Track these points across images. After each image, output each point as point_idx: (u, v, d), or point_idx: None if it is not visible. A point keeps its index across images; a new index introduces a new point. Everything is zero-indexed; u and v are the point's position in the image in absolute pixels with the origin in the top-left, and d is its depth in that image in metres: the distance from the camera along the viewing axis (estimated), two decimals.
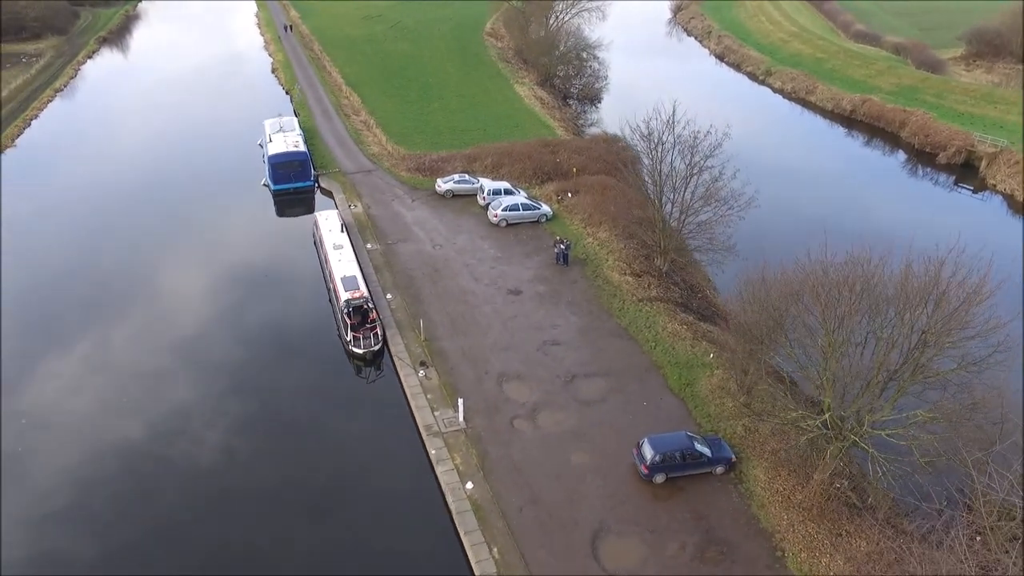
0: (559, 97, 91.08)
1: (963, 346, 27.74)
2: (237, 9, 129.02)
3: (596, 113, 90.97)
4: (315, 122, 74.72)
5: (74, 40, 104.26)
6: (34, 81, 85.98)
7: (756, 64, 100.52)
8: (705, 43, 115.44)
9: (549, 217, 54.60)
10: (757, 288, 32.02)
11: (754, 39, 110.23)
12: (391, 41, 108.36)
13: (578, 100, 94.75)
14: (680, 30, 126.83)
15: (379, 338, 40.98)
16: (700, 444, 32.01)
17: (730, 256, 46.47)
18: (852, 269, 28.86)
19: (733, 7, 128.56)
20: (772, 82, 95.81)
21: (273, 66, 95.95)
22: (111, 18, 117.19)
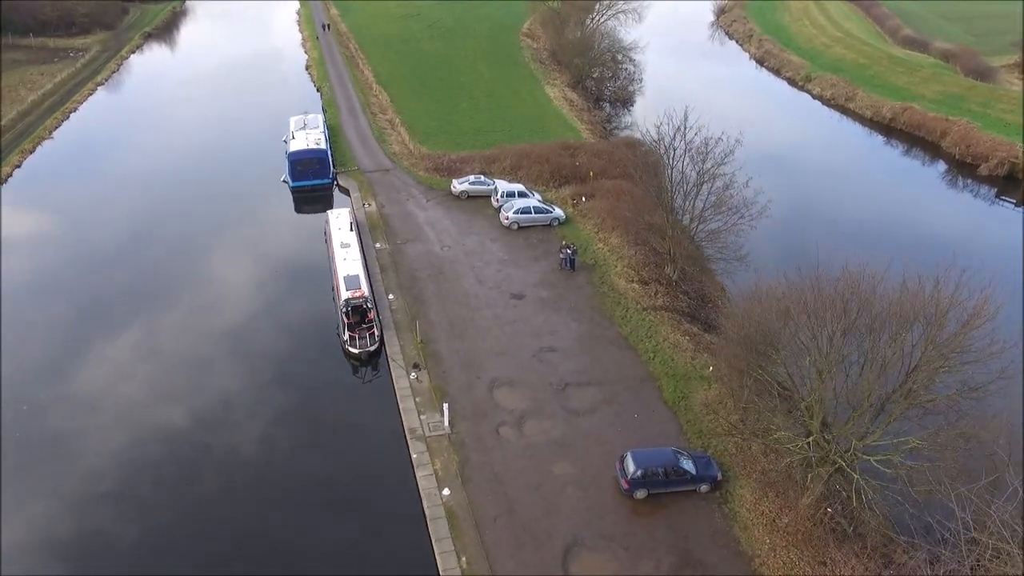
0: (591, 99, 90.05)
1: (960, 371, 26.34)
2: (280, 8, 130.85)
3: (627, 116, 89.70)
4: (340, 120, 75.20)
5: (121, 35, 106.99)
6: (78, 75, 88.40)
7: (796, 69, 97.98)
8: (746, 47, 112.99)
9: (562, 221, 53.88)
10: (749, 302, 30.89)
11: (796, 43, 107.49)
12: (427, 40, 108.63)
13: (610, 103, 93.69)
14: (722, 33, 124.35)
15: (376, 338, 40.89)
16: (685, 460, 31.06)
17: (742, 266, 45.35)
18: (846, 285, 27.61)
19: (778, 11, 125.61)
20: (811, 88, 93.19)
21: (307, 63, 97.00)
22: (158, 14, 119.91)
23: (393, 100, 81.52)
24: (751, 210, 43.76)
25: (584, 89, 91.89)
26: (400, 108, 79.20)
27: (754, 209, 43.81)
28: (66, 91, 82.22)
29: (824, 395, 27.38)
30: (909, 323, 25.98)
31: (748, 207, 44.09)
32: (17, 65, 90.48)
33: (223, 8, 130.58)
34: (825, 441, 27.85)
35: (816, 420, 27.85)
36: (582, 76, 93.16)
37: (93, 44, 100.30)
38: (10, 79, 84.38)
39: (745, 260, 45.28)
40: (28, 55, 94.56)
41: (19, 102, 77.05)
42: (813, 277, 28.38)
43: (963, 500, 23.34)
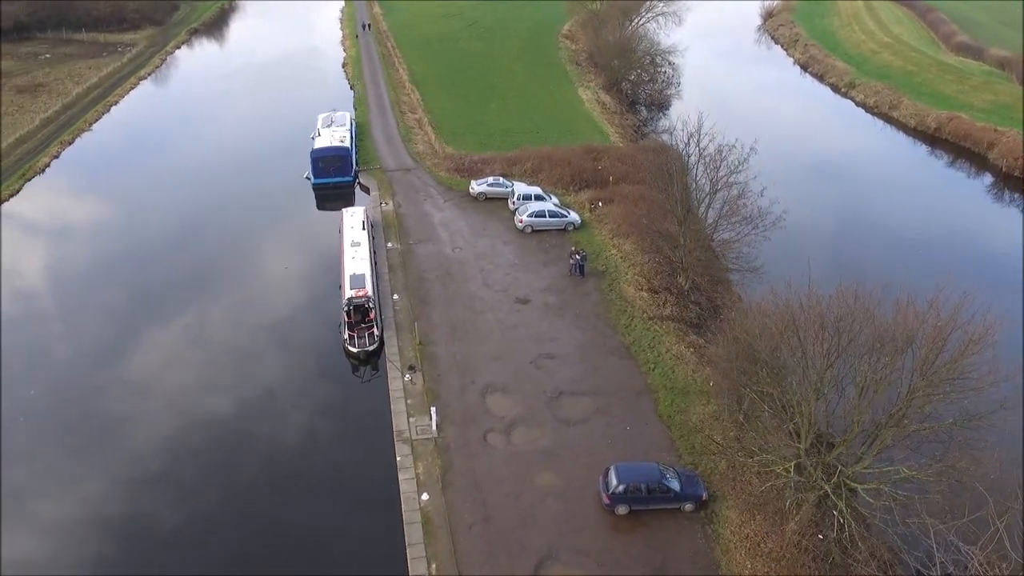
0: (625, 102, 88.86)
1: (956, 399, 24.97)
2: (326, 7, 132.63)
3: (662, 120, 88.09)
4: (369, 118, 75.71)
5: (168, 31, 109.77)
6: (123, 69, 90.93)
7: (840, 75, 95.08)
8: (790, 52, 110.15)
9: (577, 226, 53.14)
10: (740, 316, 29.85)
11: (842, 49, 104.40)
12: (465, 40, 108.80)
13: (646, 106, 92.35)
14: (767, 38, 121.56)
15: (375, 338, 40.86)
16: (670, 478, 30.17)
17: (760, 277, 44.05)
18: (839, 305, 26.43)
19: (826, 15, 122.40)
20: (854, 95, 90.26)
21: (344, 61, 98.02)
22: (206, 11, 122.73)
23: (424, 99, 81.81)
24: (765, 220, 42.44)
25: (619, 92, 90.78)
26: (430, 107, 79.43)
27: (768, 219, 42.49)
28: (110, 84, 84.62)
29: (811, 417, 26.24)
30: (901, 346, 24.65)
31: (762, 217, 42.81)
32: (68, 59, 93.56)
33: (271, 6, 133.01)
34: (812, 466, 26.68)
35: (803, 443, 26.72)
36: (618, 78, 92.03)
37: (141, 39, 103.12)
38: (59, 72, 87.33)
39: (759, 272, 43.99)
40: (79, 49, 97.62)
41: (65, 94, 79.61)
42: (805, 295, 27.17)
43: (943, 538, 22.03)
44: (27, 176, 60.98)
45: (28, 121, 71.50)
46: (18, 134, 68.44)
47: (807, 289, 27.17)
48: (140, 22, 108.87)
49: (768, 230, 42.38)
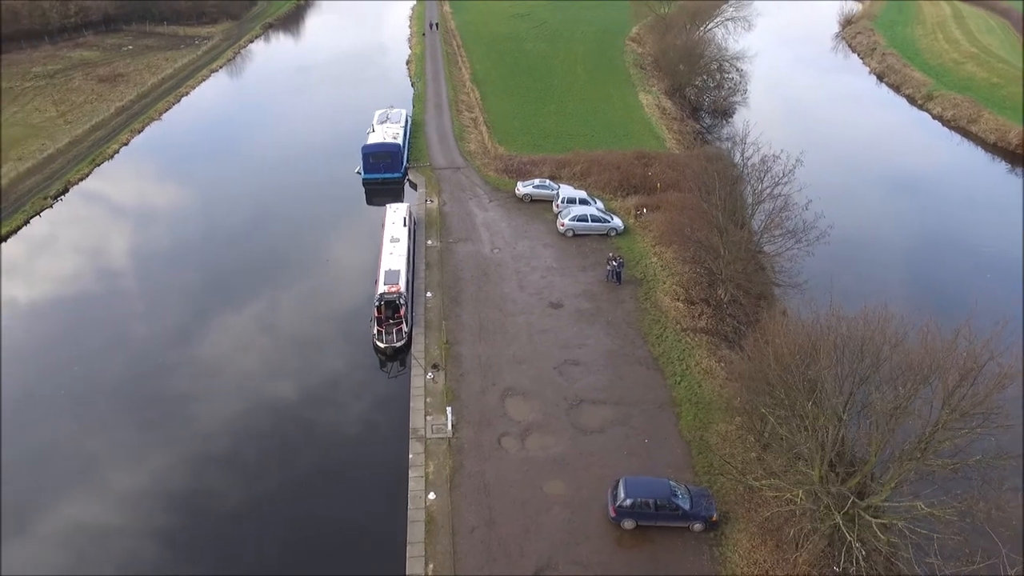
0: (687, 109, 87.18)
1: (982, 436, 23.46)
2: (397, 6, 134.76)
3: (724, 128, 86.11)
4: (426, 115, 76.41)
5: (243, 25, 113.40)
6: (197, 61, 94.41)
7: (917, 86, 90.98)
8: (866, 61, 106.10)
9: (620, 231, 52.36)
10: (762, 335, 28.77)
11: (922, 59, 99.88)
12: (531, 40, 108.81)
13: (708, 113, 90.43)
14: (844, 45, 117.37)
15: (403, 334, 41.13)
16: (680, 495, 29.30)
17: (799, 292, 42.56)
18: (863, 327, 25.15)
19: (909, 24, 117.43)
20: (931, 107, 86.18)
21: (408, 58, 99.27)
22: (282, 6, 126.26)
23: (483, 98, 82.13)
24: (808, 234, 40.88)
25: (682, 97, 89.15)
26: (488, 107, 79.68)
27: (812, 234, 40.91)
28: (183, 76, 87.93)
29: (825, 445, 25.06)
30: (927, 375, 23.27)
31: (806, 231, 41.26)
32: (148, 50, 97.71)
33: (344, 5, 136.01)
34: (825, 495, 25.47)
35: (816, 470, 25.54)
36: (682, 84, 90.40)
37: (217, 33, 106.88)
38: (138, 63, 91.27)
39: (802, 287, 42.44)
40: (159, 42, 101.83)
41: (141, 84, 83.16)
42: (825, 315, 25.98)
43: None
44: (97, 162, 63.85)
45: (104, 109, 74.95)
46: (94, 121, 71.82)
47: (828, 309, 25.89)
48: (218, 16, 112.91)
49: (811, 244, 40.77)
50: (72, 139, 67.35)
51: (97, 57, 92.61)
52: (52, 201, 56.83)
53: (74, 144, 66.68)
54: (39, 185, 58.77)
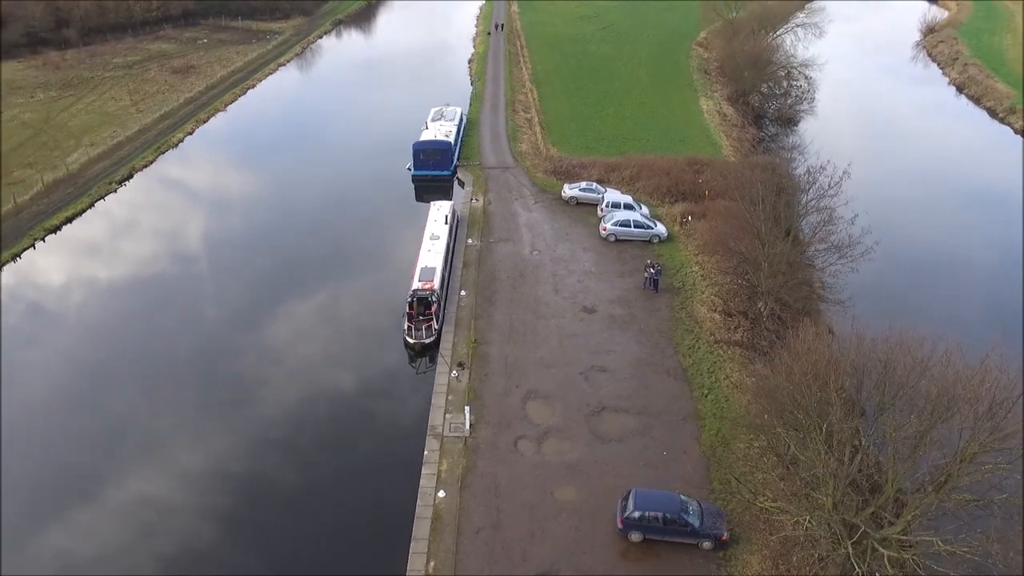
0: (749, 116, 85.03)
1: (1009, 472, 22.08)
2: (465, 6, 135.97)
3: (788, 136, 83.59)
4: (481, 114, 76.72)
5: (315, 21, 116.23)
6: (267, 55, 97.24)
7: (999, 99, 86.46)
8: (947, 71, 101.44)
9: (663, 238, 51.43)
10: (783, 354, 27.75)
11: (1008, 70, 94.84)
12: (596, 42, 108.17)
13: (772, 121, 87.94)
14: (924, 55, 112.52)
15: (433, 331, 41.34)
16: (691, 512, 28.54)
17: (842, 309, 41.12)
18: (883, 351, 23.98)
19: (997, 32, 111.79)
20: (1013, 121, 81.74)
21: (471, 57, 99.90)
22: (353, 4, 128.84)
23: (540, 99, 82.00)
24: (853, 250, 39.30)
25: (745, 104, 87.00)
26: (545, 107, 79.50)
27: (857, 249, 39.31)
28: (251, 69, 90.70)
29: (840, 470, 23.99)
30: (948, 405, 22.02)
31: (852, 246, 39.68)
32: (222, 44, 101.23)
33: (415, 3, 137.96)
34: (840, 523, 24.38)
35: (829, 497, 24.47)
36: (746, 90, 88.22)
37: (288, 28, 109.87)
38: (211, 56, 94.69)
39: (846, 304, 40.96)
40: (233, 36, 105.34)
41: (210, 76, 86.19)
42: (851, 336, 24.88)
43: None
44: (161, 150, 66.40)
45: (174, 99, 77.95)
46: (163, 110, 74.79)
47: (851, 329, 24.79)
48: (291, 12, 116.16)
49: (856, 260, 39.18)
50: (141, 127, 70.25)
51: (174, 50, 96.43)
52: (116, 186, 59.33)
53: (143, 132, 69.53)
54: (106, 170, 61.48)
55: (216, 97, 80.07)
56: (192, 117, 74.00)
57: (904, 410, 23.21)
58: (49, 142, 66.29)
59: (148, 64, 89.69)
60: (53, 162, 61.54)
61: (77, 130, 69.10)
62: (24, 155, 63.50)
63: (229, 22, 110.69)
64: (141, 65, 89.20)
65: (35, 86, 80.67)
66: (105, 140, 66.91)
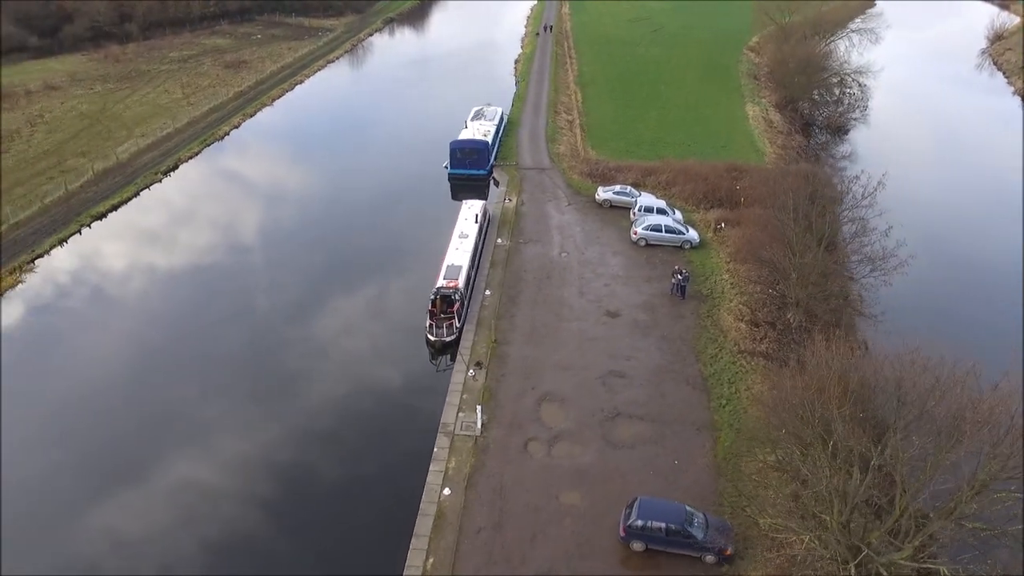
0: (797, 123, 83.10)
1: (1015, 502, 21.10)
2: (517, 6, 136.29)
3: (837, 146, 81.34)
4: (522, 115, 76.72)
5: (367, 19, 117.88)
6: (317, 51, 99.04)
7: None
8: (1012, 80, 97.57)
9: (695, 244, 50.66)
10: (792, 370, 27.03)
11: None
12: (645, 45, 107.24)
13: (822, 129, 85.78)
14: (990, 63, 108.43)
15: (454, 329, 41.45)
16: (696, 524, 28.00)
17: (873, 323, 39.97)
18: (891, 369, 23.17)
19: None
20: None
21: (517, 58, 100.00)
22: (406, 2, 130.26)
23: (583, 101, 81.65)
24: (887, 263, 38.07)
25: (793, 111, 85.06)
26: (587, 109, 79.14)
27: (891, 262, 38.07)
28: (300, 65, 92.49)
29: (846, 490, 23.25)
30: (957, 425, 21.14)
31: (885, 259, 38.46)
32: (274, 40, 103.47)
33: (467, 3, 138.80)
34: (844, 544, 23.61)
35: (834, 517, 23.72)
36: (795, 97, 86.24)
37: (340, 25, 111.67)
38: (263, 52, 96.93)
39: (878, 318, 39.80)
40: (286, 32, 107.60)
41: (261, 71, 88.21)
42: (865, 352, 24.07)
43: None
44: (207, 142, 68.19)
45: (224, 93, 79.99)
46: (213, 104, 76.80)
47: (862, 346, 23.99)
48: (344, 9, 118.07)
49: (887, 274, 37.95)
50: (191, 120, 72.26)
51: (228, 45, 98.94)
52: (161, 176, 61.12)
53: (192, 124, 71.50)
54: (154, 160, 63.39)
55: (264, 92, 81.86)
56: (239, 111, 75.81)
57: (914, 432, 22.34)
58: (103, 132, 68.66)
59: (202, 58, 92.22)
60: (105, 151, 63.68)
61: (130, 121, 71.39)
62: (79, 144, 65.89)
63: (283, 18, 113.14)
64: (196, 59, 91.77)
65: (95, 78, 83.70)
66: (155, 131, 69.00)
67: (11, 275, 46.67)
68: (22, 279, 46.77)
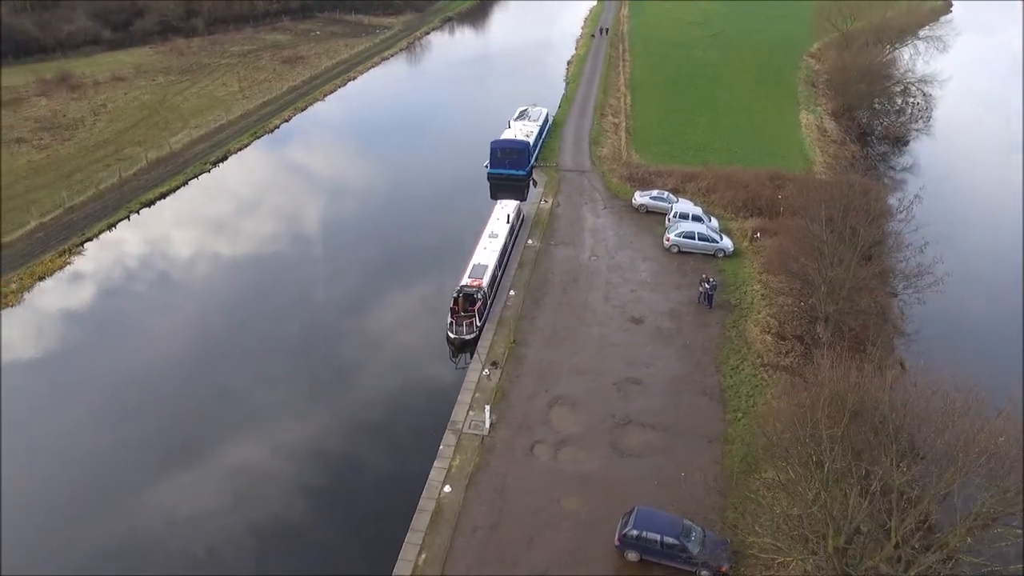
0: (853, 132, 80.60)
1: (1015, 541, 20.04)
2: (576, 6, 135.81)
3: (895, 157, 78.56)
4: (568, 117, 76.46)
5: (425, 18, 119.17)
6: (372, 49, 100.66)
7: None
8: None
9: (728, 253, 49.64)
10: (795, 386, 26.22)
11: None
12: (702, 48, 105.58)
13: (880, 139, 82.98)
14: None
15: (475, 328, 41.59)
16: (693, 538, 27.44)
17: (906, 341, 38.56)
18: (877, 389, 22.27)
19: None
20: None
21: (570, 59, 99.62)
22: (466, 2, 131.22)
23: (632, 104, 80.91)
24: (921, 280, 36.60)
25: (850, 120, 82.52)
26: (635, 113, 78.41)
27: (926, 280, 36.58)
28: (355, 62, 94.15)
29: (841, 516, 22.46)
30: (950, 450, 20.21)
31: (920, 276, 36.98)
32: (332, 36, 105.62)
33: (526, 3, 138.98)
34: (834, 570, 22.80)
35: (829, 543, 22.92)
36: (853, 105, 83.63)
37: (398, 24, 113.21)
38: (320, 48, 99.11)
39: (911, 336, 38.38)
40: (344, 29, 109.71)
41: (315, 67, 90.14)
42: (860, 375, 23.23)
43: None
44: (257, 135, 70.09)
45: (278, 87, 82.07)
46: (266, 98, 78.90)
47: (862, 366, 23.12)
48: (404, 8, 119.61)
49: (921, 291, 36.48)
50: (243, 112, 74.36)
51: (287, 40, 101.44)
52: (210, 166, 63.07)
53: (244, 117, 73.57)
54: (205, 151, 65.45)
55: (317, 87, 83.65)
56: (291, 105, 77.66)
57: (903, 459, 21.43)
58: (160, 122, 71.23)
59: (261, 53, 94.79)
60: (160, 141, 66.05)
61: (187, 112, 73.88)
62: (137, 133, 68.55)
63: (342, 16, 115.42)
64: (255, 54, 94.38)
65: (158, 70, 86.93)
66: (209, 123, 71.23)
67: (60, 256, 48.84)
68: (70, 261, 48.88)
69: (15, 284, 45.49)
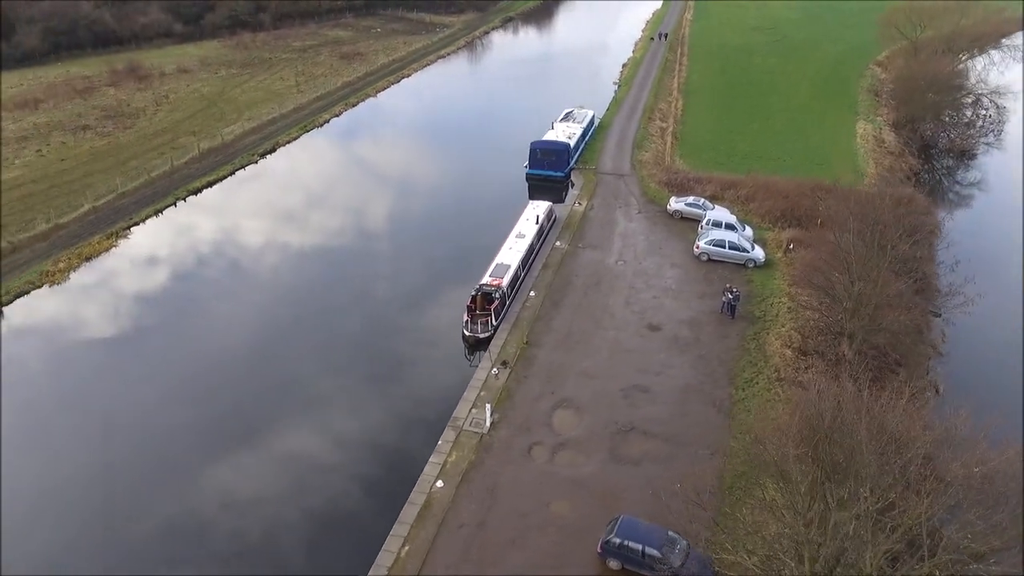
0: (914, 144, 77.28)
1: None
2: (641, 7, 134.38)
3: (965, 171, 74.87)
4: (615, 120, 75.78)
5: (486, 17, 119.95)
6: (430, 47, 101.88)
7: None
8: None
9: (758, 263, 48.43)
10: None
11: None
12: (762, 54, 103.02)
13: (944, 152, 79.37)
14: None
15: (490, 327, 41.74)
16: (676, 551, 26.95)
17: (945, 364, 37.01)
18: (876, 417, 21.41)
19: None
20: None
21: (625, 62, 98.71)
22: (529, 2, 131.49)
23: (684, 109, 79.60)
24: (949, 300, 34.99)
25: (912, 131, 79.16)
26: (686, 118, 77.14)
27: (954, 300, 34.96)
28: (411, 59, 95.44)
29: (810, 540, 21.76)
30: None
31: (951, 295, 35.36)
32: (393, 34, 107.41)
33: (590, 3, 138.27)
34: None
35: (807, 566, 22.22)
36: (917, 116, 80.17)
37: (459, 23, 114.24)
38: (379, 45, 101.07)
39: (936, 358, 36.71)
40: (405, 26, 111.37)
41: (372, 63, 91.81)
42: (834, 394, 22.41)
43: None
44: (307, 128, 71.91)
45: (333, 83, 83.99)
46: (320, 92, 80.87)
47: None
48: (466, 7, 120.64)
49: (949, 311, 34.87)
50: (297, 106, 76.38)
51: (347, 37, 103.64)
52: (258, 157, 65.05)
53: (297, 111, 75.57)
54: (255, 143, 67.54)
55: (370, 83, 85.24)
56: (343, 100, 79.35)
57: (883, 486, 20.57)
58: (216, 113, 73.82)
59: (321, 49, 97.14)
60: (213, 132, 68.47)
61: (243, 105, 76.35)
62: (194, 124, 71.23)
63: (405, 13, 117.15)
64: (315, 49, 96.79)
65: (221, 63, 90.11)
66: (262, 115, 73.47)
67: (108, 239, 51.21)
68: (116, 244, 51.19)
69: (63, 264, 47.92)
